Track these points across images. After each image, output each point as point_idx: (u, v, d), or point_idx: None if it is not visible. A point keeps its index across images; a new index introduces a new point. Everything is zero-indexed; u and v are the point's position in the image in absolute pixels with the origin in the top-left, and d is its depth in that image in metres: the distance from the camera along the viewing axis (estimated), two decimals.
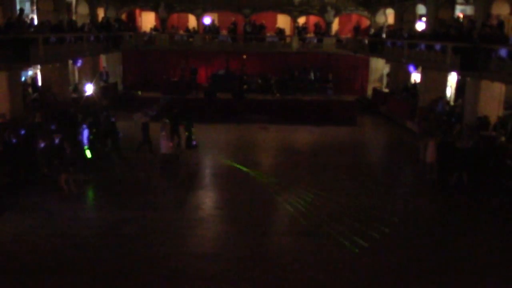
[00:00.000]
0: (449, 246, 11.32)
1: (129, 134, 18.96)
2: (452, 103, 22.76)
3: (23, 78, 21.02)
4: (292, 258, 10.52)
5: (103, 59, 29.79)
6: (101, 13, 29.14)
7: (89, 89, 23.13)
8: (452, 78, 23.38)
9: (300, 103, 25.82)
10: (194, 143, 18.90)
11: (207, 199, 14.17)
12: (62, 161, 13.72)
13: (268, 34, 32.60)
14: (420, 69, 22.81)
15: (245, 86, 26.96)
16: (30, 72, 23.14)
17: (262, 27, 32.21)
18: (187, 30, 32.95)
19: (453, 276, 9.93)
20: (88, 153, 15.70)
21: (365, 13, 32.87)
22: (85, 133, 15.69)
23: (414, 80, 26.56)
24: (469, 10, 23.90)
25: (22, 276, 9.55)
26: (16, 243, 10.90)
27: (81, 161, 15.36)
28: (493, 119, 17.91)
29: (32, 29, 19.41)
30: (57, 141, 14.33)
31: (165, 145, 16.27)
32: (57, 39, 20.22)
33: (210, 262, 10.21)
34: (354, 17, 34.28)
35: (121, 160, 16.71)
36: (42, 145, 14.44)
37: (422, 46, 21.30)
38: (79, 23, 24.62)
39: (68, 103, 21.21)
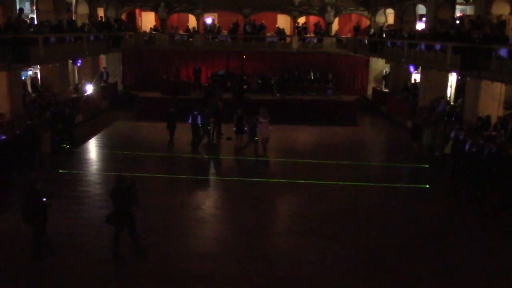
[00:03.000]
0: (450, 246, 11.31)
1: None
2: (452, 103, 22.76)
3: (23, 78, 20.98)
4: (292, 258, 10.52)
5: (103, 59, 29.79)
6: (101, 13, 29.10)
7: (89, 89, 23.15)
8: (452, 78, 23.38)
9: (300, 103, 25.80)
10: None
11: (207, 199, 14.18)
12: None
13: (268, 34, 32.54)
14: (420, 69, 22.81)
15: (245, 86, 26.96)
16: (30, 72, 23.13)
17: (262, 27, 32.14)
18: (187, 30, 32.93)
19: (455, 278, 9.92)
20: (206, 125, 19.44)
21: (365, 13, 32.85)
22: (199, 118, 18.96)
23: (414, 79, 26.57)
24: (469, 10, 23.91)
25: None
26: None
27: None
28: (493, 119, 17.90)
29: (32, 29, 19.39)
30: None
31: (266, 130, 18.42)
32: (57, 39, 20.21)
33: (210, 262, 10.20)
34: (354, 17, 34.27)
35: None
36: None
37: (422, 46, 21.30)
38: (79, 23, 24.61)
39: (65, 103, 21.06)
